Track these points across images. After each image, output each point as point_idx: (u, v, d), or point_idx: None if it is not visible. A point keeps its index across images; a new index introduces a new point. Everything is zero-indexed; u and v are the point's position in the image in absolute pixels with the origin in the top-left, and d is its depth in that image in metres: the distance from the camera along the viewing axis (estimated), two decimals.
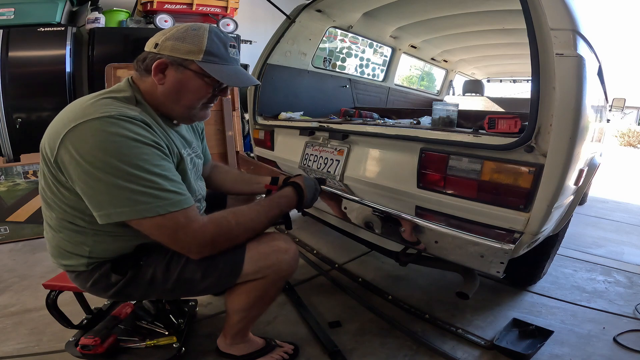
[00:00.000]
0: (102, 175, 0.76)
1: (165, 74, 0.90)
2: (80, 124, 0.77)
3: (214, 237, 0.87)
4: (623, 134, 12.77)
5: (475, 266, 1.08)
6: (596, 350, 1.32)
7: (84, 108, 0.81)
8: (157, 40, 0.90)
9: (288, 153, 1.99)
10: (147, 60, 0.90)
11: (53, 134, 0.81)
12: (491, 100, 3.68)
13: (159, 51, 0.88)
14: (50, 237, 0.96)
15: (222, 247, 0.91)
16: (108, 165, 0.76)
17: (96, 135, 0.77)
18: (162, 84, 0.90)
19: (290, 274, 1.06)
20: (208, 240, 0.86)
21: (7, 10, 2.80)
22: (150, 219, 0.80)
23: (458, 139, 1.20)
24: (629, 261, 2.15)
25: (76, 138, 0.77)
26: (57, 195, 0.86)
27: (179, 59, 0.88)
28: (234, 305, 1.07)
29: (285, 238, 1.04)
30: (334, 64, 2.93)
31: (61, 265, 0.96)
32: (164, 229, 0.82)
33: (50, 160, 0.82)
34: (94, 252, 0.92)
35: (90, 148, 0.76)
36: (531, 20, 1.04)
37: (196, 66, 0.89)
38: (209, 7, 3.58)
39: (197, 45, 0.88)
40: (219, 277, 0.96)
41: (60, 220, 0.90)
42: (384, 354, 1.28)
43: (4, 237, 2.26)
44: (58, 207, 0.88)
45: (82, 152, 0.76)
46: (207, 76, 0.91)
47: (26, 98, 2.91)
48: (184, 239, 0.84)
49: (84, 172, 0.77)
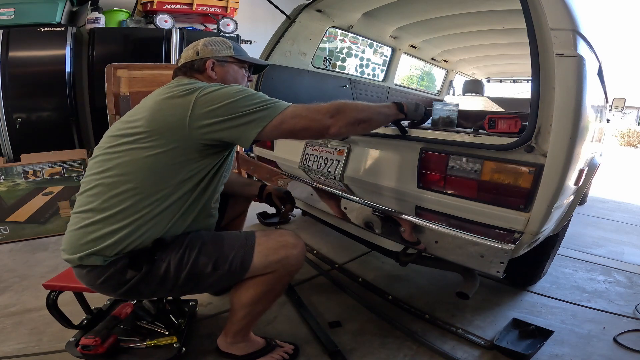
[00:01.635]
0: (233, 103, 0.94)
1: (215, 70, 1.15)
2: (204, 88, 0.97)
3: (339, 106, 1.01)
4: (623, 134, 12.77)
5: (476, 266, 1.08)
6: (596, 350, 1.32)
7: (187, 84, 1.01)
8: (196, 50, 1.15)
9: (288, 153, 1.99)
10: (197, 65, 1.14)
11: (181, 104, 0.95)
12: (491, 100, 3.68)
13: (203, 56, 1.14)
14: (86, 223, 0.93)
15: (349, 118, 1.02)
16: (238, 100, 0.95)
17: (220, 89, 0.97)
18: (216, 77, 1.15)
19: (297, 269, 1.10)
20: (334, 108, 1.01)
21: (7, 10, 2.80)
22: (290, 111, 0.97)
23: (458, 139, 1.20)
24: (629, 261, 2.15)
25: (208, 98, 0.94)
26: (147, 165, 0.93)
27: (221, 57, 1.16)
28: (240, 300, 1.09)
29: (293, 234, 1.10)
30: (334, 64, 2.93)
31: (80, 258, 0.93)
32: (299, 113, 0.98)
33: (183, 122, 0.93)
34: (132, 235, 0.93)
35: (220, 97, 0.95)
36: (531, 20, 1.04)
37: (233, 59, 1.18)
38: (209, 7, 3.59)
39: (227, 46, 1.18)
40: (229, 270, 1.00)
41: (122, 194, 0.93)
42: (384, 354, 1.28)
43: (4, 237, 2.26)
44: (138, 178, 0.93)
45: (216, 100, 0.94)
46: (243, 62, 1.20)
47: (26, 98, 2.91)
48: (316, 113, 1.00)
49: (225, 111, 0.93)
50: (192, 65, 1.14)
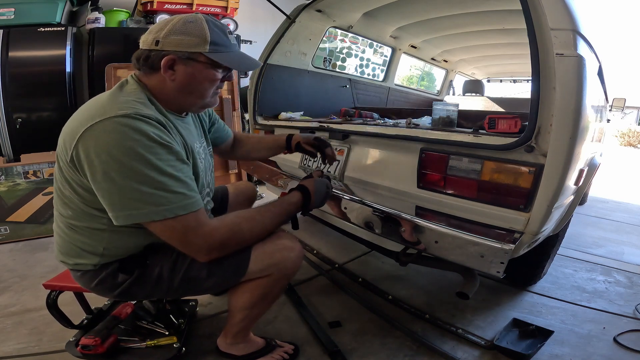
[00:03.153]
0: (115, 175, 0.77)
1: (175, 69, 0.89)
2: (97, 123, 0.78)
3: (224, 240, 0.89)
4: (623, 134, 12.76)
5: (476, 266, 1.08)
6: (596, 350, 1.32)
7: (100, 107, 0.82)
8: (157, 37, 0.88)
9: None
10: (152, 58, 0.89)
11: (70, 133, 0.82)
12: (491, 100, 3.68)
13: (162, 47, 0.87)
14: (62, 236, 0.95)
15: (230, 251, 0.93)
16: (122, 165, 0.77)
17: (112, 133, 0.77)
18: (173, 80, 0.90)
19: (294, 272, 1.07)
20: (217, 244, 0.88)
21: (7, 10, 2.80)
22: (161, 222, 0.81)
23: (458, 139, 1.20)
24: (629, 261, 2.15)
25: (92, 137, 0.78)
26: (74, 194, 0.87)
27: (186, 53, 0.88)
28: (237, 303, 1.07)
29: (290, 237, 1.06)
30: (334, 64, 2.93)
31: (69, 264, 0.96)
32: (173, 231, 0.83)
33: (67, 158, 0.82)
34: (108, 250, 0.92)
35: (106, 147, 0.77)
36: (531, 20, 1.04)
37: (205, 57, 0.89)
38: (209, 7, 3.58)
39: (202, 37, 0.88)
40: (225, 275, 0.97)
41: (77, 219, 0.90)
42: (384, 354, 1.28)
43: (4, 237, 2.26)
44: (75, 206, 0.88)
45: (97, 150, 0.77)
46: (217, 65, 0.92)
47: (26, 98, 2.91)
48: (193, 241, 0.85)
49: (98, 171, 0.78)
50: (146, 57, 0.89)
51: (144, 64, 0.91)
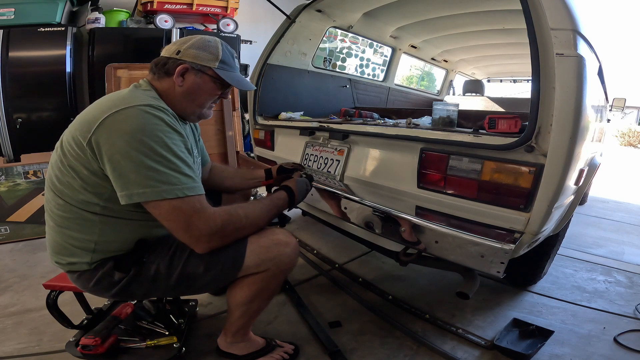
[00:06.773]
0: (134, 153, 0.83)
1: (185, 77, 1.01)
2: (122, 110, 0.86)
3: (224, 225, 0.93)
4: (623, 133, 12.76)
5: (476, 266, 1.08)
6: (596, 350, 1.32)
7: (122, 98, 0.91)
8: (179, 48, 1.01)
9: (288, 153, 1.99)
10: (169, 65, 1.01)
11: (88, 121, 0.87)
12: (491, 100, 3.68)
13: (181, 57, 1.01)
14: (54, 234, 0.97)
15: (229, 238, 0.96)
16: (142, 144, 0.84)
17: (136, 118, 0.86)
18: (181, 86, 1.02)
19: (291, 267, 1.09)
20: (219, 227, 0.91)
21: (7, 10, 2.81)
22: (169, 202, 0.86)
23: (458, 139, 1.20)
24: (630, 261, 2.15)
25: (116, 121, 0.85)
26: (74, 177, 0.89)
27: (199, 65, 1.02)
28: (235, 299, 1.08)
29: (285, 232, 1.08)
30: (334, 64, 2.94)
31: (64, 265, 0.97)
32: (180, 212, 0.87)
33: (81, 143, 0.86)
34: (100, 245, 0.94)
35: (130, 128, 0.85)
36: (531, 20, 1.04)
37: (212, 72, 1.03)
38: (209, 7, 3.59)
39: (215, 55, 1.03)
40: (222, 270, 0.99)
41: (68, 211, 0.92)
42: (384, 354, 1.28)
43: (4, 237, 2.26)
44: (70, 195, 0.91)
45: (121, 132, 0.84)
46: (220, 80, 1.05)
47: (26, 98, 2.91)
48: (197, 223, 0.88)
49: (118, 150, 0.84)
50: (164, 64, 1.02)
51: (161, 68, 1.02)
